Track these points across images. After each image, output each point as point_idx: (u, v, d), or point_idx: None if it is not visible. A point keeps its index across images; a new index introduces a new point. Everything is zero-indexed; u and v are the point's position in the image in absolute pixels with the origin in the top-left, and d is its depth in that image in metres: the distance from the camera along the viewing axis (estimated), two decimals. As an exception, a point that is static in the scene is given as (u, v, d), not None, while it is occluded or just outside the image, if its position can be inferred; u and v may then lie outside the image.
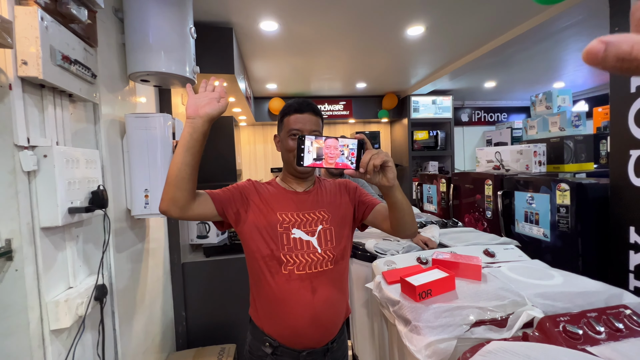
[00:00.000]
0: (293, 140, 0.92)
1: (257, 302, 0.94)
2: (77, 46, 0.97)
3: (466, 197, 2.60)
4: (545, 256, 1.77)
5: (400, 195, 0.82)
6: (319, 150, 0.74)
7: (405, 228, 0.89)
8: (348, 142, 0.74)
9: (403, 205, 0.84)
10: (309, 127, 0.92)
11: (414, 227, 0.91)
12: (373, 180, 0.75)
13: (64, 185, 0.88)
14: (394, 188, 0.79)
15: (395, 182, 0.77)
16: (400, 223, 0.87)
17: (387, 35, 2.32)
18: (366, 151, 0.73)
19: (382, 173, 0.75)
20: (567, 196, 1.65)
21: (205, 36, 1.88)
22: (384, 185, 0.76)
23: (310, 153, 0.74)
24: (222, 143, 2.12)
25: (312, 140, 0.74)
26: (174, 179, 0.76)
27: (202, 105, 0.76)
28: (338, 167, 0.74)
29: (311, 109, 0.94)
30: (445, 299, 1.03)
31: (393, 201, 0.82)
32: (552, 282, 1.13)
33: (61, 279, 0.94)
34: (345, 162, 0.74)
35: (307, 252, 0.89)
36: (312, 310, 0.88)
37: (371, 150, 0.73)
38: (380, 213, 0.97)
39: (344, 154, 0.74)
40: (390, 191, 0.79)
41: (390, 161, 0.73)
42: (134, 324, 1.37)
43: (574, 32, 2.62)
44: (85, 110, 1.11)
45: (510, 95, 4.83)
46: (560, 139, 2.37)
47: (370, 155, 0.71)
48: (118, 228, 1.27)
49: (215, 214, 0.87)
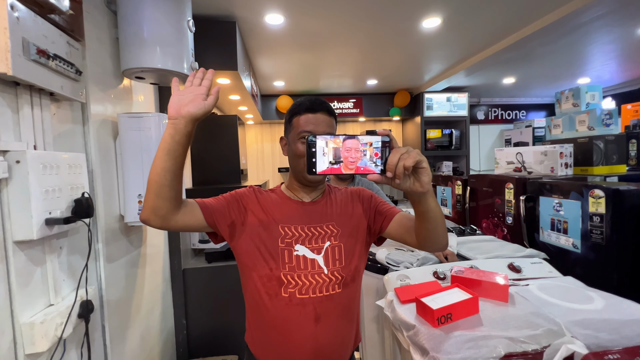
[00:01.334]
0: (303, 144, 0.79)
1: (252, 328, 0.83)
2: (57, 39, 0.88)
3: (484, 201, 2.44)
4: (575, 269, 1.61)
5: (434, 203, 0.67)
6: (335, 152, 0.60)
7: (436, 241, 0.74)
8: (371, 140, 0.60)
9: (437, 215, 0.68)
10: (322, 129, 0.80)
11: (446, 240, 0.75)
12: (402, 185, 0.60)
13: (40, 193, 0.79)
14: (427, 194, 0.64)
15: (430, 187, 0.62)
16: (431, 236, 0.72)
17: (401, 28, 2.18)
18: (393, 150, 0.59)
19: (414, 177, 0.61)
20: (601, 204, 1.49)
21: (207, 31, 1.78)
22: (416, 192, 0.61)
23: (326, 156, 0.60)
24: (225, 143, 2.03)
25: (326, 141, 0.60)
26: (154, 185, 0.67)
27: (185, 103, 0.65)
28: (360, 172, 0.60)
29: (325, 108, 0.81)
30: (468, 326, 0.91)
31: (425, 210, 0.67)
32: (592, 306, 0.98)
33: (40, 296, 0.85)
34: (368, 166, 0.60)
35: (311, 272, 0.78)
36: (314, 342, 0.76)
37: (399, 149, 0.59)
38: (402, 224, 0.82)
39: (365, 155, 0.60)
40: (422, 198, 0.64)
41: (424, 161, 0.59)
42: (128, 337, 1.29)
43: (603, 23, 2.42)
44: (72, 110, 1.02)
45: (529, 92, 4.59)
46: (589, 139, 2.19)
47: (399, 155, 0.57)
48: (110, 236, 1.18)
49: (204, 225, 0.77)
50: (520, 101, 4.89)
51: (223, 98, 2.59)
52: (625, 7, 2.14)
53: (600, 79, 3.97)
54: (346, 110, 4.19)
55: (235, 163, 2.06)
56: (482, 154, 4.86)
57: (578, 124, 2.36)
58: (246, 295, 0.84)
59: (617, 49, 2.95)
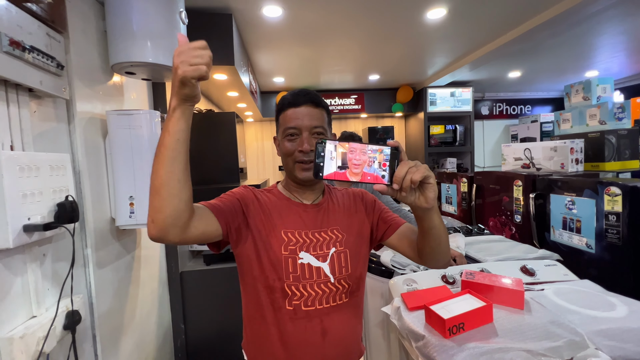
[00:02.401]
0: (290, 142, 0.74)
1: (251, 340, 0.77)
2: (35, 31, 0.81)
3: (490, 199, 2.36)
4: (589, 270, 1.54)
5: (438, 219, 0.64)
6: (343, 157, 0.59)
7: (438, 258, 0.71)
8: (379, 149, 0.59)
9: (440, 232, 0.66)
10: (309, 123, 0.73)
11: (448, 257, 0.72)
12: (407, 199, 0.59)
13: (17, 198, 0.73)
14: (431, 211, 0.62)
15: (435, 203, 0.60)
16: (433, 252, 0.69)
17: (405, 19, 2.09)
18: (401, 163, 0.58)
19: (419, 191, 0.59)
20: (618, 202, 1.41)
21: (202, 23, 1.71)
22: (421, 207, 0.60)
23: (333, 161, 0.59)
24: (223, 141, 1.96)
25: (335, 145, 0.59)
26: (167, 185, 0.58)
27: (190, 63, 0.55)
28: (366, 180, 0.59)
29: (309, 99, 0.74)
30: (482, 336, 0.84)
31: (429, 227, 0.65)
32: (615, 313, 0.91)
33: (21, 307, 0.79)
34: (376, 174, 0.59)
35: (317, 282, 0.72)
36: (321, 357, 0.70)
37: (407, 162, 0.58)
38: (405, 236, 0.78)
39: (373, 164, 0.59)
40: (427, 214, 0.62)
41: (432, 177, 0.58)
42: (121, 346, 1.23)
43: (615, 13, 2.32)
44: (55, 107, 0.96)
45: (535, 86, 4.48)
46: (601, 134, 2.10)
47: (408, 168, 0.56)
48: (100, 240, 1.12)
49: (219, 233, 0.68)
50: (526, 95, 4.78)
51: (221, 95, 2.52)
52: None
53: (608, 72, 3.86)
54: (348, 107, 4.11)
55: (234, 162, 1.99)
56: (486, 150, 4.77)
57: (589, 118, 2.27)
58: (246, 305, 0.77)
59: (627, 40, 2.85)
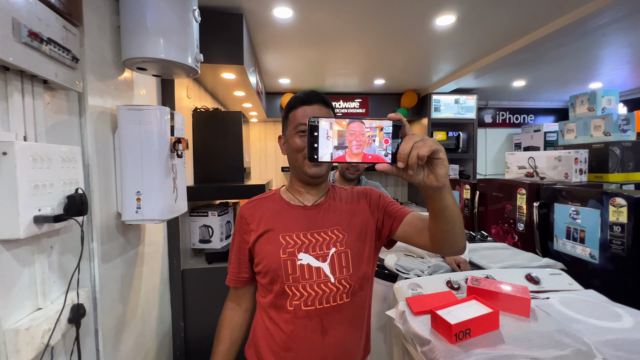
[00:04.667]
0: (301, 138, 0.74)
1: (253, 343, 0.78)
2: (53, 23, 0.81)
3: (493, 206, 2.36)
4: (592, 281, 1.54)
5: (451, 199, 0.58)
6: (340, 136, 0.51)
7: (453, 243, 0.65)
8: (380, 125, 0.51)
9: (454, 213, 0.60)
10: None
11: (463, 242, 0.67)
12: (415, 178, 0.52)
13: (29, 189, 0.73)
14: (443, 189, 0.55)
15: (446, 181, 0.54)
16: (447, 237, 0.64)
17: (414, 25, 2.11)
18: (405, 137, 0.51)
19: (428, 168, 0.52)
20: (623, 213, 1.42)
21: (213, 22, 1.71)
22: (431, 186, 0.53)
23: (329, 141, 0.51)
24: (229, 140, 1.96)
25: (330, 123, 0.51)
26: None
27: None
28: (367, 160, 0.51)
29: (321, 99, 0.77)
30: (488, 343, 0.84)
31: (441, 207, 0.58)
32: (621, 324, 0.91)
33: (27, 299, 0.79)
34: (377, 153, 0.51)
35: (317, 282, 0.72)
36: (320, 356, 0.70)
37: (412, 136, 0.50)
38: (412, 225, 0.75)
39: (374, 142, 0.51)
40: (438, 194, 0.56)
41: (441, 151, 0.51)
42: (122, 341, 1.22)
43: (621, 26, 2.33)
44: (68, 100, 0.96)
45: (538, 96, 4.50)
46: (605, 145, 2.12)
47: (413, 143, 0.49)
48: (106, 235, 1.12)
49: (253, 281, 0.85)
50: (529, 105, 4.80)
51: (227, 94, 2.52)
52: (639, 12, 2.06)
53: (612, 84, 3.88)
54: (352, 110, 4.12)
55: (239, 161, 1.99)
56: (488, 158, 4.77)
57: (593, 129, 2.28)
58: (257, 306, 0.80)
59: (632, 53, 2.86)
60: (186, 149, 1.30)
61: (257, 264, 0.76)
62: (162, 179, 1.19)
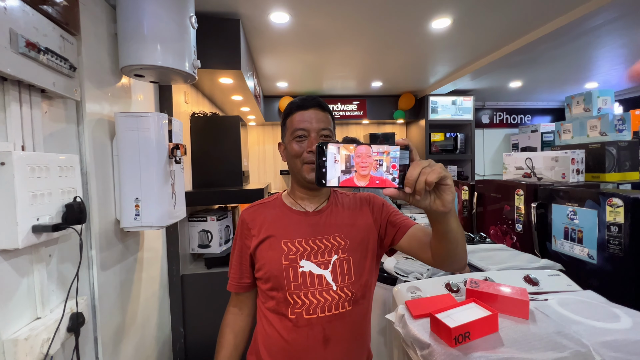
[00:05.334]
0: (298, 143, 0.75)
1: (255, 351, 0.78)
2: (50, 32, 0.82)
3: (491, 207, 2.37)
4: (590, 280, 1.55)
5: (455, 222, 0.60)
6: (347, 160, 0.52)
7: (455, 261, 0.67)
8: (388, 150, 0.53)
9: (457, 235, 0.61)
10: (317, 125, 0.75)
11: (465, 260, 0.68)
12: (421, 203, 0.53)
13: (27, 198, 0.73)
14: (449, 214, 0.57)
15: (452, 206, 0.55)
16: (450, 256, 0.65)
17: (410, 28, 2.12)
18: (413, 163, 0.52)
19: (435, 194, 0.53)
20: (620, 213, 1.43)
21: (210, 28, 1.72)
22: (437, 211, 0.54)
23: (337, 165, 0.53)
24: (227, 144, 1.96)
25: (338, 147, 0.53)
26: None
27: None
28: (374, 185, 0.53)
29: (316, 103, 0.77)
30: (488, 346, 0.84)
31: (446, 230, 0.60)
32: (619, 325, 0.92)
33: (26, 309, 0.79)
34: (384, 178, 0.53)
35: (318, 289, 0.72)
36: None
37: (420, 162, 0.51)
38: (417, 239, 0.75)
39: (381, 166, 0.53)
40: (444, 218, 0.57)
41: (448, 178, 0.52)
42: (122, 348, 1.22)
43: (616, 27, 2.36)
44: (66, 108, 0.96)
45: (535, 96, 4.53)
46: (601, 145, 2.13)
47: (421, 169, 0.50)
48: (104, 242, 1.12)
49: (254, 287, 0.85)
50: (526, 105, 4.83)
51: (225, 98, 2.53)
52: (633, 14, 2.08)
53: (607, 84, 3.91)
54: (350, 113, 4.13)
55: (237, 165, 1.99)
56: (486, 159, 4.79)
57: (589, 129, 2.30)
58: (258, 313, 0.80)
59: (627, 53, 2.89)
60: (184, 155, 1.30)
61: (258, 269, 0.76)
62: (160, 186, 1.19)
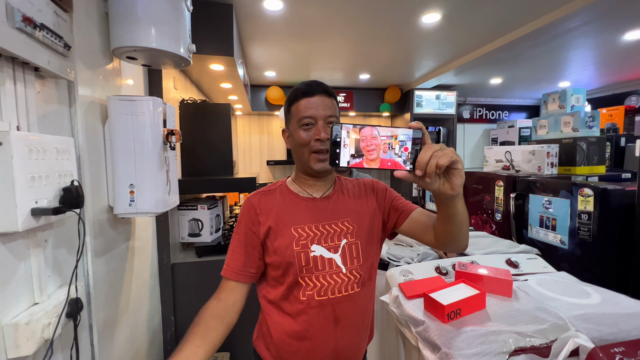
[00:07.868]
0: (305, 131, 0.75)
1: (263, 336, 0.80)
2: (44, 8, 0.78)
3: (473, 198, 2.49)
4: (562, 264, 1.68)
5: (462, 206, 0.63)
6: (357, 143, 0.54)
7: (458, 244, 0.71)
8: (398, 133, 0.54)
9: (463, 218, 0.65)
10: (323, 112, 0.75)
11: (467, 241, 0.72)
12: (431, 186, 0.55)
13: (26, 180, 0.71)
14: (457, 198, 0.59)
15: (461, 189, 0.57)
16: (454, 238, 0.69)
17: (401, 21, 2.16)
18: (425, 146, 0.53)
19: (444, 177, 0.55)
20: (590, 202, 1.55)
21: (202, 13, 1.68)
22: (446, 194, 0.56)
23: (347, 148, 0.54)
24: (217, 133, 1.94)
25: (349, 130, 0.54)
26: None
27: None
28: (386, 167, 0.54)
29: (323, 89, 0.77)
30: (477, 321, 0.91)
31: (452, 213, 0.62)
32: (590, 300, 1.02)
33: (23, 294, 0.77)
34: (395, 160, 0.54)
35: (329, 272, 0.74)
36: (334, 345, 0.74)
37: (432, 146, 0.53)
38: (419, 222, 0.79)
39: (392, 149, 0.54)
40: (451, 201, 0.59)
41: (459, 162, 0.53)
42: (115, 336, 1.21)
43: (586, 30, 2.51)
44: (58, 88, 0.92)
45: (512, 93, 4.74)
46: (573, 140, 2.28)
47: (432, 152, 0.51)
48: (98, 229, 1.09)
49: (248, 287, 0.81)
50: (504, 102, 5.04)
51: (214, 85, 2.47)
52: (605, 18, 2.23)
53: (578, 83, 4.15)
54: (336, 104, 4.15)
55: (228, 154, 1.97)
56: (466, 152, 4.98)
57: (563, 125, 2.45)
58: (261, 299, 0.81)
59: (597, 55, 3.08)
60: (179, 141, 1.28)
61: (270, 256, 0.77)
62: (156, 172, 1.17)
